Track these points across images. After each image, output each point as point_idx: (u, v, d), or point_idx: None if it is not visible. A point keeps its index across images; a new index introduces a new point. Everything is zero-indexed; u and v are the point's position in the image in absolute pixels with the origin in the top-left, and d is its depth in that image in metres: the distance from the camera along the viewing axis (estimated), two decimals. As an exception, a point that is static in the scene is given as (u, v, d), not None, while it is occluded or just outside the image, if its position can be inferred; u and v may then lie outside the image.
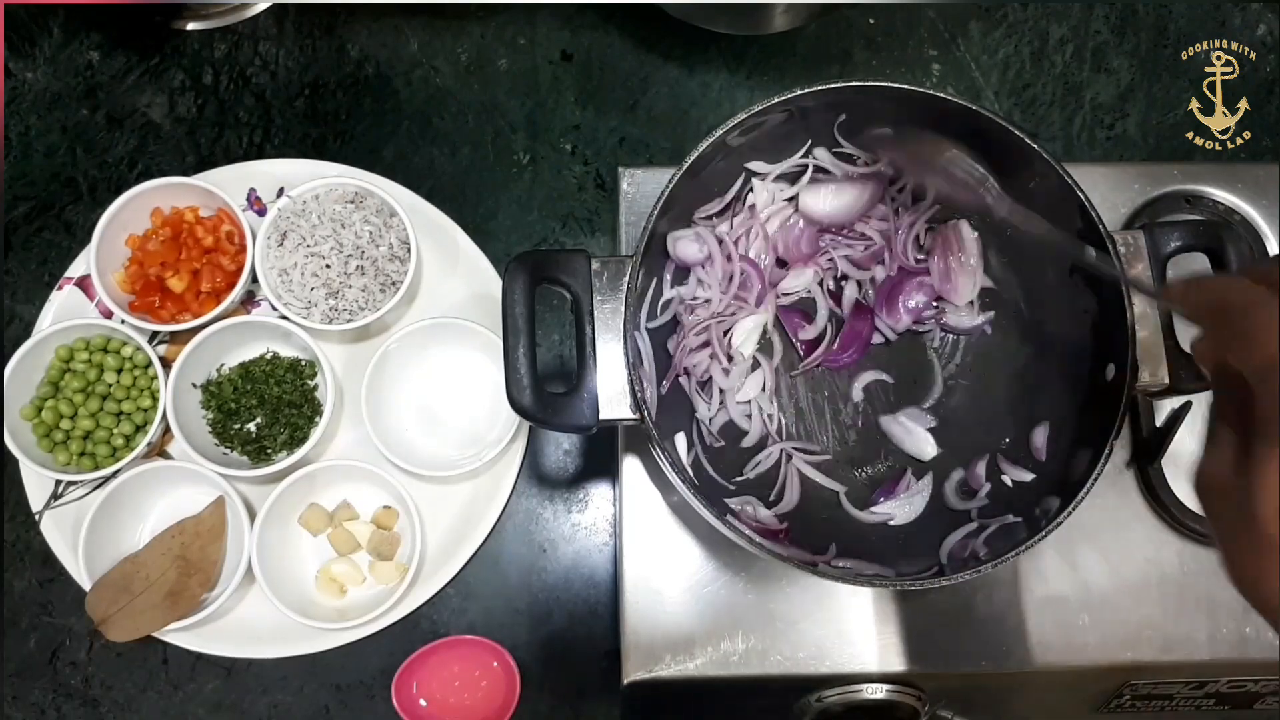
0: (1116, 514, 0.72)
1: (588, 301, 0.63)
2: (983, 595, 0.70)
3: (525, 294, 0.61)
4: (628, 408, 0.61)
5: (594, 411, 0.61)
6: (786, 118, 0.67)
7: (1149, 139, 0.93)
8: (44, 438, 0.80)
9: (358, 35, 0.94)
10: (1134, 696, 0.73)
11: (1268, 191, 0.79)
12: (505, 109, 0.93)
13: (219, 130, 0.92)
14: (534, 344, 0.61)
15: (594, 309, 0.63)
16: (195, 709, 0.81)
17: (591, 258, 0.63)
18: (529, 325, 0.61)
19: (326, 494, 0.84)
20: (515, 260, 0.62)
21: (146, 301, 0.83)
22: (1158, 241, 0.65)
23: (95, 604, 0.78)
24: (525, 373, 0.60)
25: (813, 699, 0.70)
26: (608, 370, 0.62)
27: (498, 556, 0.84)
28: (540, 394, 0.60)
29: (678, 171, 0.63)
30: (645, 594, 0.70)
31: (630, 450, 0.73)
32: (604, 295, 0.63)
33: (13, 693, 0.81)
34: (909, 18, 0.96)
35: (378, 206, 0.85)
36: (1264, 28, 0.96)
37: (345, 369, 0.85)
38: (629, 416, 0.61)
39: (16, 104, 0.92)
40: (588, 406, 0.61)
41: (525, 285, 0.61)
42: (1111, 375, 0.63)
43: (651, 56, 0.94)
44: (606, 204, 0.91)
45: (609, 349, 0.62)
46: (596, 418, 0.61)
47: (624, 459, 0.72)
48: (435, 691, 0.81)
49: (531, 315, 0.61)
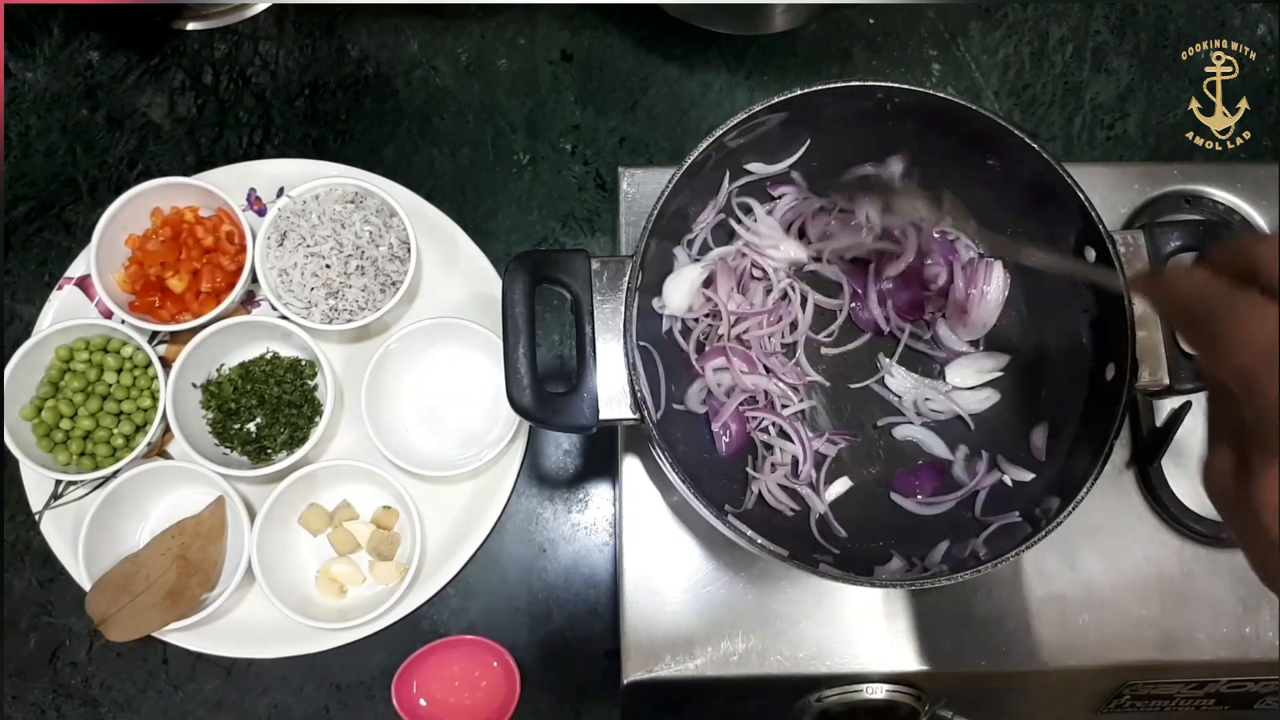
0: (1116, 514, 0.72)
1: (588, 301, 0.63)
2: (983, 595, 0.70)
3: (525, 294, 0.61)
4: (628, 408, 0.61)
5: (594, 411, 0.61)
6: (785, 119, 0.67)
7: (1149, 139, 0.93)
8: (44, 438, 0.80)
9: (358, 35, 0.94)
10: (1134, 696, 0.73)
11: (1268, 191, 0.79)
12: (505, 109, 0.93)
13: (219, 130, 0.92)
14: (534, 344, 0.61)
15: (594, 309, 0.62)
16: (195, 709, 0.81)
17: (592, 258, 0.63)
18: (529, 325, 0.61)
19: (326, 494, 0.84)
20: (515, 260, 0.62)
21: (146, 301, 0.83)
22: (1157, 241, 0.65)
23: (95, 604, 0.78)
24: (525, 372, 0.60)
25: (813, 699, 0.70)
26: (607, 370, 0.62)
27: (498, 556, 0.84)
28: (540, 394, 0.60)
29: (677, 172, 0.63)
30: (645, 594, 0.70)
31: (630, 450, 0.73)
32: (604, 295, 0.63)
33: (13, 693, 0.81)
34: (909, 18, 0.96)
35: (378, 206, 0.85)
36: (1264, 28, 0.96)
37: (345, 369, 0.85)
38: (629, 416, 0.61)
39: (16, 104, 0.92)
40: (588, 406, 0.61)
41: (525, 285, 0.61)
42: (1111, 375, 0.63)
43: (651, 56, 0.94)
44: (606, 204, 0.91)
45: (609, 349, 0.62)
46: (596, 418, 0.61)
47: (624, 459, 0.72)
48: (435, 691, 0.81)
49: (531, 315, 0.61)
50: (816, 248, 0.72)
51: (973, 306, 0.70)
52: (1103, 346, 0.64)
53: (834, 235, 0.71)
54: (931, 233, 0.71)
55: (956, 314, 0.71)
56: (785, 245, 0.71)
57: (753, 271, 0.72)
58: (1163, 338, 0.64)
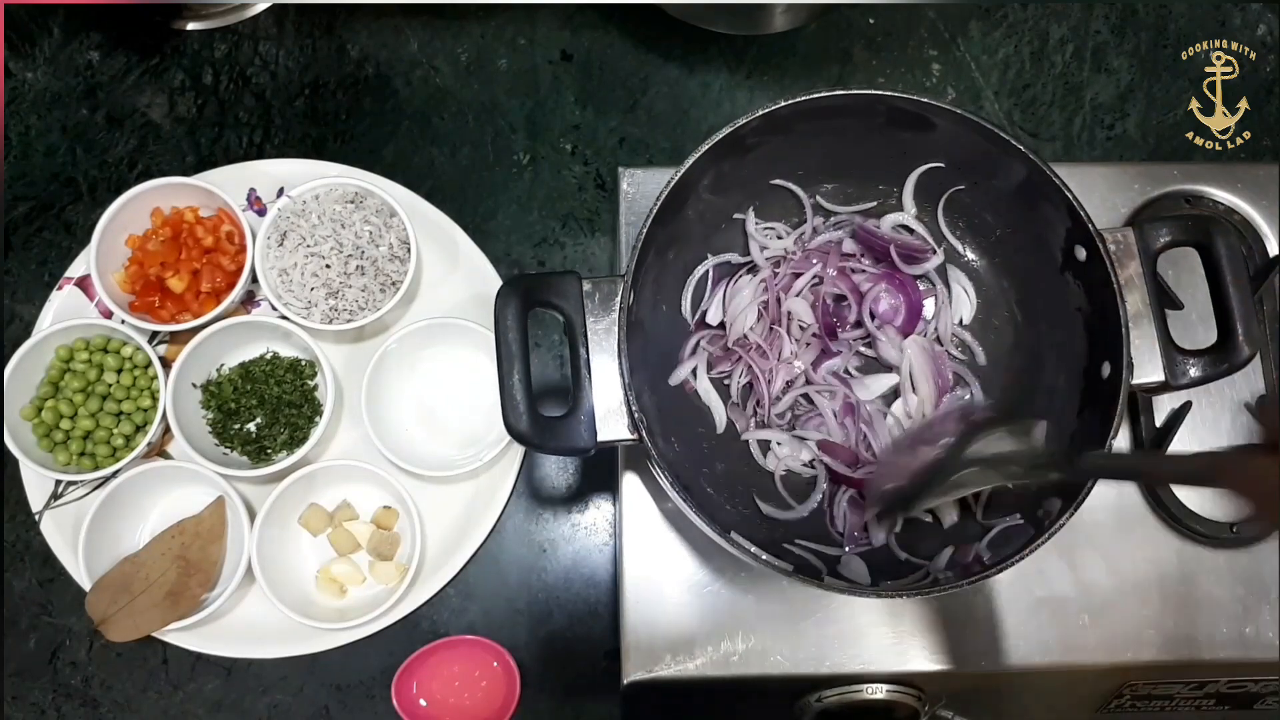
0: (1117, 514, 0.72)
1: (580, 323, 0.62)
2: (983, 595, 0.70)
3: (518, 319, 0.61)
4: (625, 428, 0.61)
5: (592, 434, 0.61)
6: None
7: (1149, 139, 0.93)
8: (44, 438, 0.80)
9: (358, 35, 0.94)
10: (1134, 696, 0.73)
11: (1268, 191, 0.79)
12: (505, 109, 0.93)
13: (219, 130, 0.92)
14: (529, 369, 0.61)
15: (587, 330, 0.62)
16: (195, 709, 0.81)
17: (583, 279, 0.63)
18: (523, 350, 0.61)
19: (326, 494, 0.84)
20: (506, 285, 0.62)
21: (146, 301, 0.83)
22: (1147, 238, 0.65)
23: (95, 604, 0.78)
24: (521, 399, 0.60)
25: (813, 699, 0.70)
26: (603, 390, 0.62)
27: (498, 556, 0.84)
28: (537, 419, 0.60)
29: (676, 173, 0.63)
30: (645, 594, 0.70)
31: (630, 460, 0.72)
32: (596, 316, 0.63)
33: (13, 693, 0.81)
34: (909, 18, 0.96)
35: (378, 206, 0.85)
36: (1264, 28, 0.96)
37: (345, 369, 0.85)
38: (627, 437, 0.61)
39: (16, 104, 0.92)
40: (585, 429, 0.61)
41: (517, 310, 0.61)
42: (1107, 373, 0.63)
43: (651, 56, 0.94)
44: (606, 204, 0.91)
45: (604, 369, 0.62)
46: (595, 439, 0.61)
47: (624, 458, 0.72)
48: (435, 691, 0.81)
49: (525, 340, 0.61)
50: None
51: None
52: (1097, 345, 0.64)
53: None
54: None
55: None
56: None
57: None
58: (1157, 334, 0.64)
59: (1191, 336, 0.73)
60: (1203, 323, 0.74)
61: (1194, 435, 0.74)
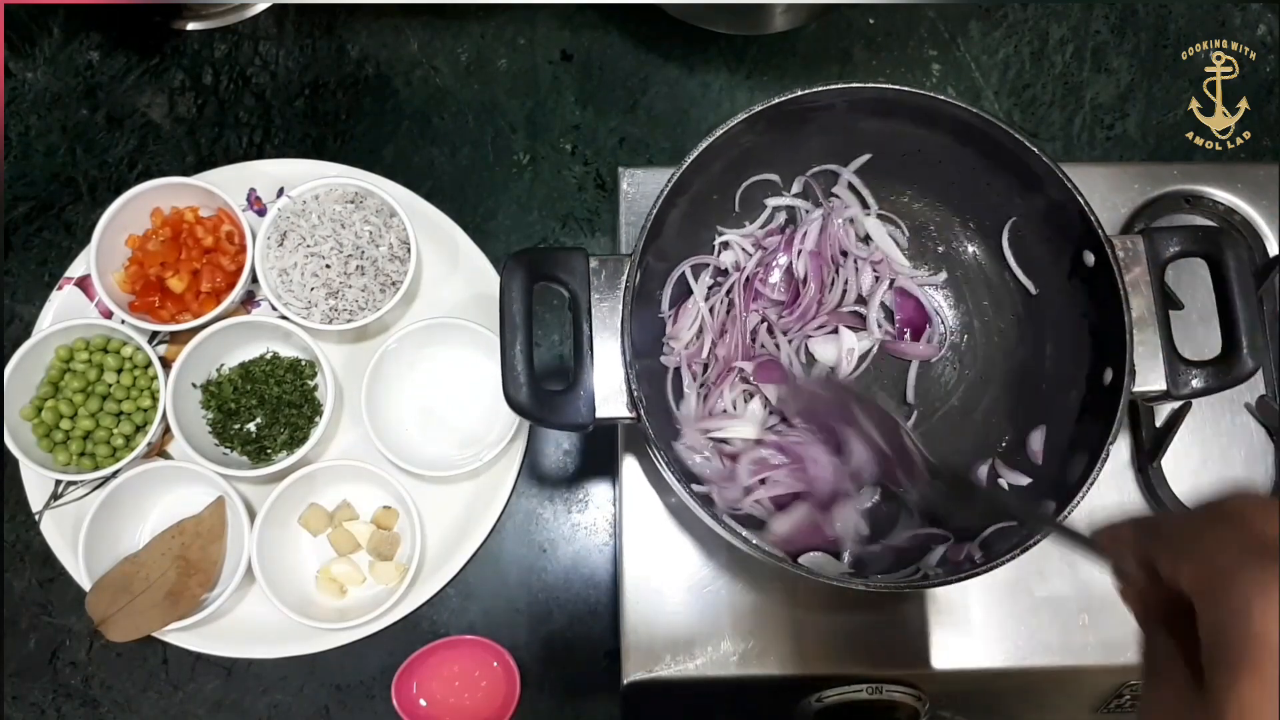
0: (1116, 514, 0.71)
1: (585, 299, 0.62)
2: (982, 596, 0.70)
3: (523, 291, 0.61)
4: (624, 406, 0.61)
5: (590, 410, 0.61)
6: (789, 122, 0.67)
7: (1149, 139, 0.93)
8: (44, 438, 0.81)
9: (358, 35, 0.94)
10: (1134, 696, 0.72)
11: (1268, 191, 0.79)
12: (505, 109, 0.93)
13: (219, 130, 0.92)
14: (531, 341, 0.61)
15: (592, 307, 0.62)
16: (195, 709, 0.81)
17: (590, 256, 0.63)
18: (526, 323, 0.61)
19: (326, 494, 0.84)
20: (513, 258, 0.62)
21: (146, 301, 0.83)
22: (1156, 246, 0.65)
23: (95, 604, 0.78)
24: (522, 370, 0.60)
25: (813, 699, 0.70)
26: (605, 368, 0.62)
27: (498, 556, 0.84)
28: (537, 391, 0.60)
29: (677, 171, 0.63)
30: (645, 594, 0.70)
31: (630, 450, 0.73)
32: (602, 294, 0.63)
33: (13, 693, 0.81)
34: (909, 18, 0.96)
35: (378, 206, 0.85)
36: (1264, 28, 0.96)
37: (345, 369, 0.85)
38: (625, 415, 0.61)
39: (16, 104, 0.92)
40: (584, 405, 0.61)
41: (523, 283, 0.61)
42: (1109, 380, 0.62)
43: (651, 56, 0.94)
44: (606, 204, 0.91)
45: (606, 347, 0.62)
46: (593, 416, 0.61)
47: (624, 459, 0.72)
48: (435, 691, 0.81)
49: (529, 313, 0.61)
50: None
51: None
52: (1101, 351, 0.64)
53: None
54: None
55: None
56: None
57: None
58: (1161, 343, 0.64)
59: (1191, 337, 0.73)
60: (1203, 323, 0.74)
61: (1194, 435, 0.74)
